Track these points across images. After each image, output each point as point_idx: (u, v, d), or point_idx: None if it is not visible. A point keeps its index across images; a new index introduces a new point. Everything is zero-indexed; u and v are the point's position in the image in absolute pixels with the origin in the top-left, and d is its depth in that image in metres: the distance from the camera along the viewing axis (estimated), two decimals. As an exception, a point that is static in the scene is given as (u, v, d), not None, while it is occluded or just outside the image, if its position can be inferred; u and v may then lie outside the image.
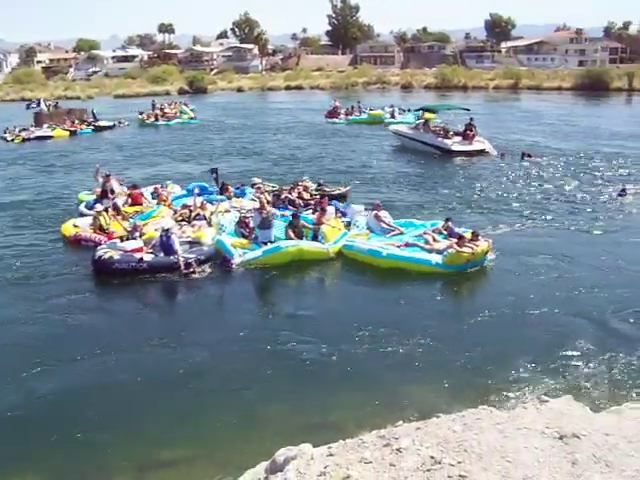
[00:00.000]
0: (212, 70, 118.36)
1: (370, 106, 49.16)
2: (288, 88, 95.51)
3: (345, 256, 15.94)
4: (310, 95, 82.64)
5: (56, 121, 45.52)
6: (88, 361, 11.12)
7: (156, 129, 46.19)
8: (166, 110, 50.85)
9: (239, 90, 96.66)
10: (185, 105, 53.98)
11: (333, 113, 47.79)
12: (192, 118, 49.84)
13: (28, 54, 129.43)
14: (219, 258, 15.61)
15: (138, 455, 8.67)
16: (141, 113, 50.31)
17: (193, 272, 14.85)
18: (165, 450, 8.73)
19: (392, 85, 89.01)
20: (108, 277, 14.91)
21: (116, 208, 18.40)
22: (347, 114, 47.34)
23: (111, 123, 46.64)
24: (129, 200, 19.97)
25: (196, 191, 19.12)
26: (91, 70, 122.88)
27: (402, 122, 41.24)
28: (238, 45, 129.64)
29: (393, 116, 44.74)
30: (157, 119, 48.52)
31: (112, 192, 20.38)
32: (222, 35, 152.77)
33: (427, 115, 33.98)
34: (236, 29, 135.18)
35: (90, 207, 19.54)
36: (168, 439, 8.93)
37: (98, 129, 44.81)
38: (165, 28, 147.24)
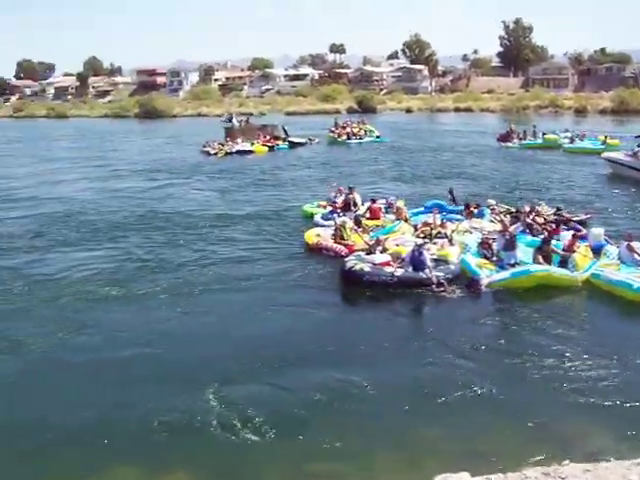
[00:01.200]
0: (381, 90, 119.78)
1: (543, 130, 47.83)
2: (457, 110, 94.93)
3: (591, 285, 15.42)
4: (479, 117, 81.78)
5: (248, 136, 47.15)
6: (331, 369, 11.41)
7: (347, 147, 47.02)
8: (348, 129, 51.72)
9: (408, 111, 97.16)
10: (364, 123, 54.87)
11: (506, 136, 46.58)
12: (378, 137, 50.49)
13: (207, 72, 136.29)
14: (464, 277, 15.70)
15: (291, 464, 8.82)
16: (332, 131, 51.47)
17: (444, 290, 14.97)
18: (318, 463, 8.79)
19: (565, 109, 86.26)
20: (357, 288, 15.29)
21: (357, 221, 18.99)
22: (520, 138, 46.10)
23: (303, 140, 47.97)
24: (367, 214, 20.45)
25: (435, 211, 19.44)
26: (264, 88, 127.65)
27: (581, 147, 40.15)
28: (408, 66, 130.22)
29: (572, 141, 43.33)
30: (349, 137, 49.41)
31: (355, 205, 21.07)
32: (392, 55, 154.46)
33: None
34: (406, 50, 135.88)
35: (327, 218, 20.28)
36: (324, 452, 8.99)
37: (292, 145, 46.21)
38: (336, 48, 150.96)
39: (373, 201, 21.11)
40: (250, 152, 43.19)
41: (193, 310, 14.48)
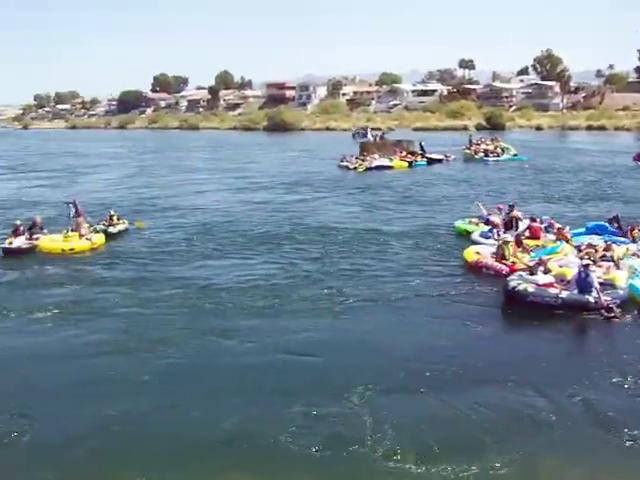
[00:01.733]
0: (511, 107, 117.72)
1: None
2: (590, 128, 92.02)
3: None
4: (613, 136, 79.01)
5: (383, 152, 47.24)
6: (492, 387, 11.29)
7: (485, 164, 46.40)
8: (483, 146, 51.10)
9: (537, 128, 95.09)
10: (497, 141, 54.06)
11: (644, 156, 44.68)
12: (516, 154, 49.59)
13: (335, 87, 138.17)
14: (632, 304, 15.03)
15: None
16: (467, 148, 51.18)
17: (615, 317, 14.32)
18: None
19: None
20: (519, 308, 14.97)
21: (519, 240, 18.67)
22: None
23: (440, 156, 47.55)
24: (527, 232, 20.11)
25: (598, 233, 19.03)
26: (392, 103, 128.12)
27: None
28: (539, 82, 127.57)
29: None
30: (486, 154, 48.80)
31: (517, 223, 20.86)
32: (522, 71, 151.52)
33: None
34: (537, 65, 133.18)
35: (486, 236, 20.15)
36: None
37: (430, 162, 45.94)
38: (465, 64, 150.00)
39: (533, 220, 20.67)
40: (389, 167, 43.28)
41: (347, 322, 14.66)
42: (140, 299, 16.71)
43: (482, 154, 49.02)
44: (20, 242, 22.83)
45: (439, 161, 46.65)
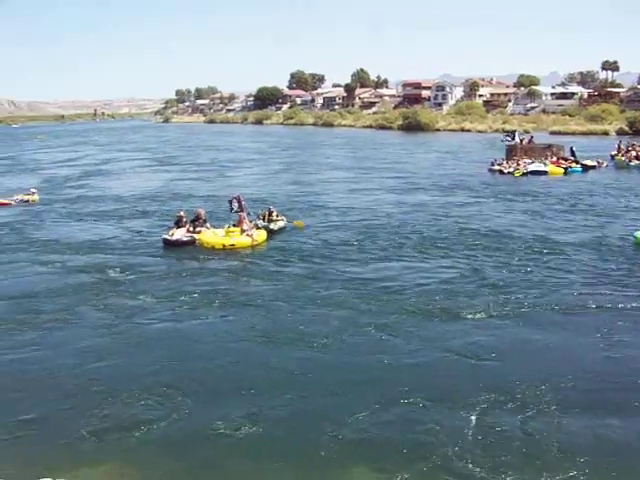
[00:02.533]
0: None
1: None
2: None
3: None
4: None
5: (531, 156, 45.81)
6: None
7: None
8: (633, 152, 48.36)
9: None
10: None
11: None
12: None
13: (471, 88, 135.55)
14: None
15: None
16: (616, 154, 48.92)
17: None
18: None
19: None
20: None
21: None
22: None
23: (594, 162, 45.13)
24: None
25: None
26: (529, 105, 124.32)
27: None
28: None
29: None
30: (644, 161, 46.08)
31: None
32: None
33: None
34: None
35: None
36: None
37: (585, 168, 43.77)
38: (609, 65, 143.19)
39: None
40: (544, 173, 41.82)
41: (525, 331, 14.44)
42: (301, 295, 17.17)
43: (637, 161, 46.36)
44: (181, 234, 23.51)
45: (593, 167, 44.52)
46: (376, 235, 24.29)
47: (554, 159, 44.77)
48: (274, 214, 25.57)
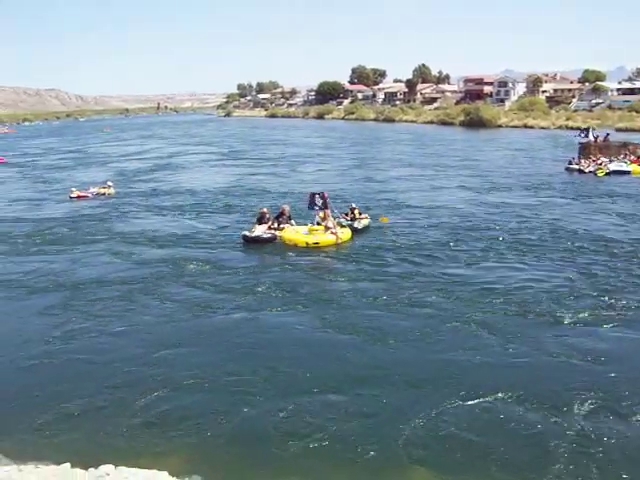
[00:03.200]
0: None
1: None
2: None
3: None
4: None
5: (606, 154, 44.14)
6: None
7: None
8: None
9: None
10: None
11: None
12: None
13: (534, 83, 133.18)
14: None
15: None
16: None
17: None
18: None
19: None
20: None
21: None
22: None
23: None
24: None
25: None
26: (594, 101, 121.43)
27: None
28: None
29: None
30: None
31: None
32: None
33: None
34: None
35: None
36: None
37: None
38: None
39: None
40: (626, 173, 39.91)
41: (632, 335, 13.84)
42: (388, 295, 16.61)
43: None
44: (261, 231, 22.99)
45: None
46: (465, 235, 23.56)
47: (633, 158, 43.00)
48: (356, 212, 25.00)
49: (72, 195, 35.15)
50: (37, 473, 7.61)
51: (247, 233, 23.01)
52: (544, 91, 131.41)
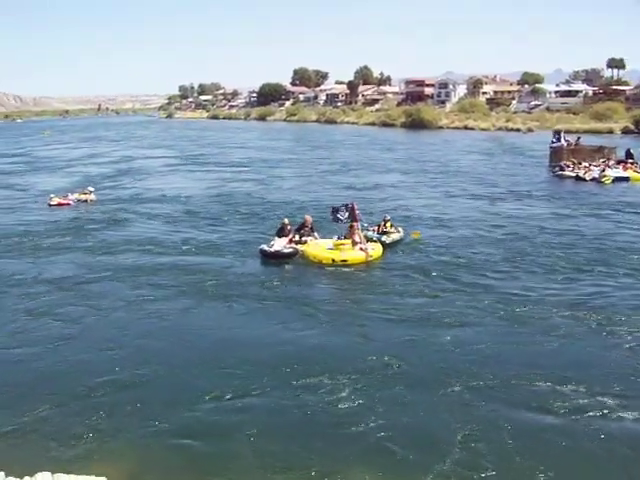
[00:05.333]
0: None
1: None
2: None
3: None
4: None
5: (578, 158, 42.11)
6: None
7: None
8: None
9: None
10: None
11: None
12: None
13: (475, 85, 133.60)
14: None
15: None
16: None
17: None
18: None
19: None
20: None
21: None
22: None
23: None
24: None
25: None
26: (533, 103, 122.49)
27: None
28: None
29: None
30: None
31: None
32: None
33: None
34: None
35: None
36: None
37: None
38: (615, 63, 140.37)
39: None
40: (625, 179, 37.49)
41: None
42: (427, 320, 14.85)
43: None
44: (281, 245, 20.69)
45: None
46: (497, 249, 21.54)
47: (610, 162, 41.39)
48: (388, 224, 22.61)
49: (52, 202, 32.50)
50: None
51: (265, 247, 20.64)
52: (484, 93, 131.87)
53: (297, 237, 21.38)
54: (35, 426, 10.40)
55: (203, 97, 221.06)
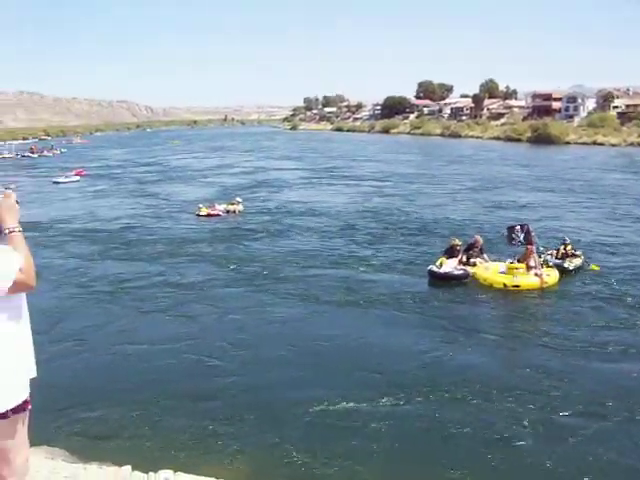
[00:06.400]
0: None
1: None
2: None
3: None
4: None
5: None
6: None
7: None
8: None
9: None
10: None
11: None
12: None
13: (605, 99, 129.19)
14: None
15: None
16: None
17: None
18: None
19: None
20: None
21: None
22: None
23: None
24: None
25: None
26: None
27: None
28: None
29: None
30: None
31: None
32: None
33: None
34: None
35: None
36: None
37: None
38: None
39: None
40: None
41: None
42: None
43: None
44: (451, 267, 20.29)
45: None
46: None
47: None
48: (568, 248, 21.21)
49: (200, 213, 33.00)
50: (100, 473, 7.68)
51: (435, 268, 20.19)
52: (615, 107, 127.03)
53: (464, 258, 21.01)
54: (157, 424, 10.82)
55: (327, 109, 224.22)
